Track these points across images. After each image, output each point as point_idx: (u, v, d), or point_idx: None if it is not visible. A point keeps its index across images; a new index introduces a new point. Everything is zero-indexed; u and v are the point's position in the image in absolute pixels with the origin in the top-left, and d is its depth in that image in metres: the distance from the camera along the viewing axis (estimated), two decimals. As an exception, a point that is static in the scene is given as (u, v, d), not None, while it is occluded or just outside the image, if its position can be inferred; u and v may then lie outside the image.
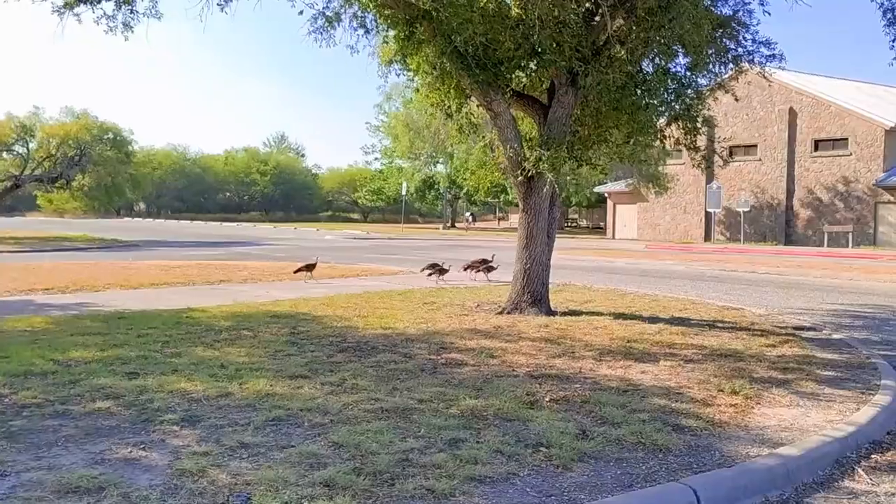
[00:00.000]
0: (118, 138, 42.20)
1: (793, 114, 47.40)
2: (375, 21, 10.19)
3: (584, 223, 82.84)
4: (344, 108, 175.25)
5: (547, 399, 6.28)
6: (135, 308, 11.43)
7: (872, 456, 5.44)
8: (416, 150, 63.72)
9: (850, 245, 41.24)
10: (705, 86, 11.77)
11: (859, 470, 5.13)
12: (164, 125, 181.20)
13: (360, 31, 10.56)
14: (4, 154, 40.64)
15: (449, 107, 11.22)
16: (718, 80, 11.72)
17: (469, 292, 13.95)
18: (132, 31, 10.74)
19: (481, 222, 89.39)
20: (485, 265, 16.47)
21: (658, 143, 11.08)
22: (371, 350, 8.22)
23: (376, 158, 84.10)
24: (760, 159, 49.07)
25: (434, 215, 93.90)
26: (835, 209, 45.49)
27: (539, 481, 4.50)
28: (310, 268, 16.47)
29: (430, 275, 16.21)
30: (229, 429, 5.27)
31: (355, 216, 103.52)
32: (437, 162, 66.61)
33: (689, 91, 10.70)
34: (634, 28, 10.33)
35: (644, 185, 51.81)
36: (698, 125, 10.84)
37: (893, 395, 6.76)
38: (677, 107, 10.35)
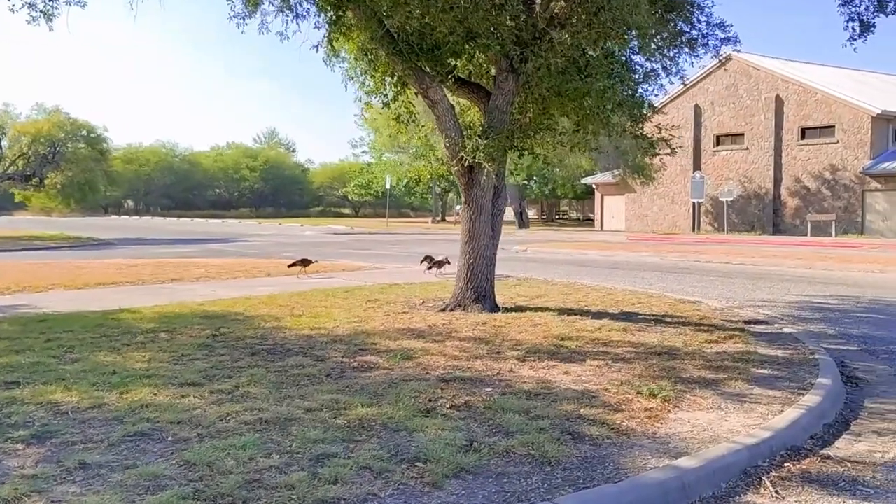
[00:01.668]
0: (92, 135, 41.61)
1: (779, 102, 46.94)
2: (298, 3, 9.66)
3: (574, 215, 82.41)
4: (338, 101, 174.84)
5: (447, 406, 5.83)
6: (66, 310, 10.96)
7: (786, 465, 5.00)
8: (398, 144, 63.10)
9: (834, 234, 40.83)
10: (654, 70, 11.29)
11: (766, 481, 4.69)
12: (154, 123, 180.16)
13: (290, 16, 10.05)
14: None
15: (385, 95, 10.73)
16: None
17: (422, 288, 13.49)
18: (51, 21, 10.22)
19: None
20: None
21: (604, 130, 10.56)
22: (285, 353, 7.76)
23: (364, 152, 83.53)
24: (748, 148, 48.63)
25: (426, 209, 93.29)
26: (822, 197, 45.08)
27: (400, 503, 4.05)
28: (304, 263, 16.35)
29: (429, 268, 15.95)
30: (80, 446, 4.82)
31: (346, 211, 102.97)
32: (422, 155, 66.20)
33: (635, 76, 10.19)
34: (577, 10, 9.87)
35: (630, 176, 51.29)
36: (644, 111, 10.35)
37: (824, 395, 6.33)
38: (621, 92, 9.85)
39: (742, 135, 49.06)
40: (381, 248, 30.32)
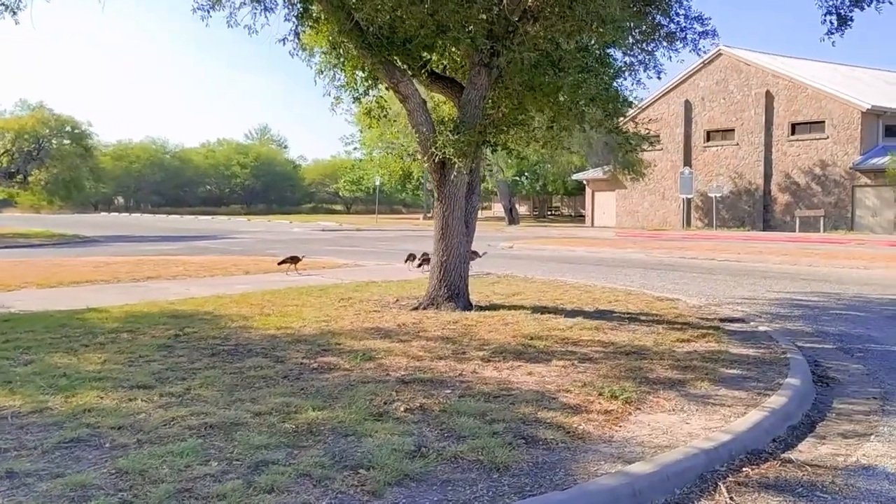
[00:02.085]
0: (76, 131, 41.25)
1: (770, 97, 46.83)
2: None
3: (566, 211, 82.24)
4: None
5: (402, 409, 5.66)
6: (34, 309, 10.77)
7: (744, 469, 4.85)
8: (386, 140, 62.74)
9: (823, 230, 40.76)
10: (630, 64, 11.13)
11: (722, 487, 4.53)
12: (145, 120, 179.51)
13: (258, 9, 9.86)
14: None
15: (356, 89, 10.54)
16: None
17: (398, 286, 13.32)
18: (15, 14, 10.01)
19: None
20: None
21: (579, 126, 10.39)
22: (245, 354, 7.58)
23: (355, 149, 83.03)
24: (738, 144, 48.51)
25: (418, 206, 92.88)
26: (812, 193, 45.01)
27: (335, 513, 3.89)
28: (294, 260, 16.20)
29: (419, 265, 15.55)
30: (12, 453, 4.64)
31: (338, 207, 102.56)
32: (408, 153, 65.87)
33: (610, 70, 10.02)
34: (550, 3, 9.70)
35: (620, 172, 51.13)
36: (619, 106, 10.17)
37: (791, 396, 6.18)
38: (595, 86, 9.66)
39: (732, 130, 48.94)
40: (368, 245, 30.13)
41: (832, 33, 10.81)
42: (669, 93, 52.68)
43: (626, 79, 10.53)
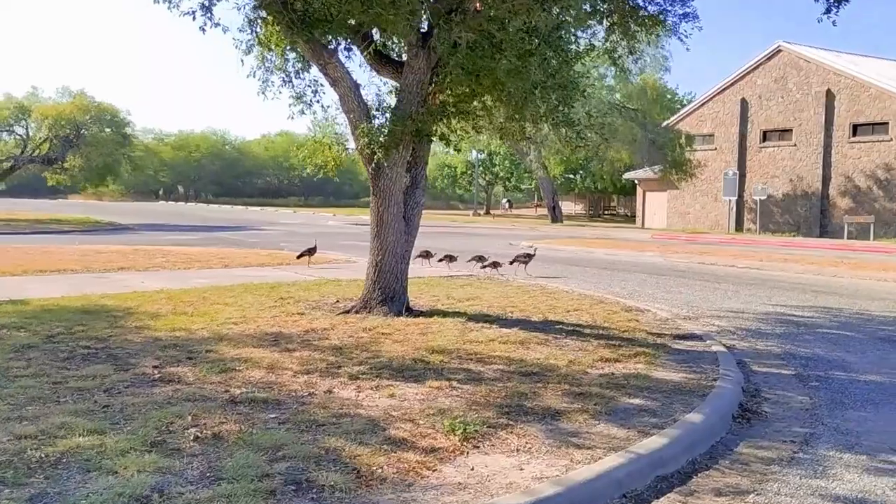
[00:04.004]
0: (115, 119, 41.49)
1: (830, 96, 44.53)
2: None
3: (622, 211, 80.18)
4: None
5: (192, 437, 4.81)
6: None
7: (552, 538, 3.84)
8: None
9: (872, 237, 38.53)
10: (591, 49, 10.09)
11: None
12: (207, 112, 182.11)
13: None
14: (5, 135, 40.26)
15: (286, 71, 9.71)
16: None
17: (357, 286, 12.42)
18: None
19: (522, 209, 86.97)
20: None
21: (530, 117, 9.37)
22: (101, 359, 6.85)
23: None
24: (795, 144, 46.31)
25: (478, 202, 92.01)
26: (874, 198, 42.67)
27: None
28: (311, 252, 16.17)
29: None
30: None
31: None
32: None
33: (561, 55, 8.97)
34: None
35: (669, 172, 49.33)
36: (569, 95, 9.10)
37: (677, 437, 5.15)
38: (539, 73, 8.65)
39: (790, 131, 46.73)
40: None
41: (829, 11, 9.64)
42: (725, 90, 50.68)
43: (588, 65, 9.41)
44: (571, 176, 75.13)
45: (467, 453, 4.75)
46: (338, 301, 10.59)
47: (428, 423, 5.22)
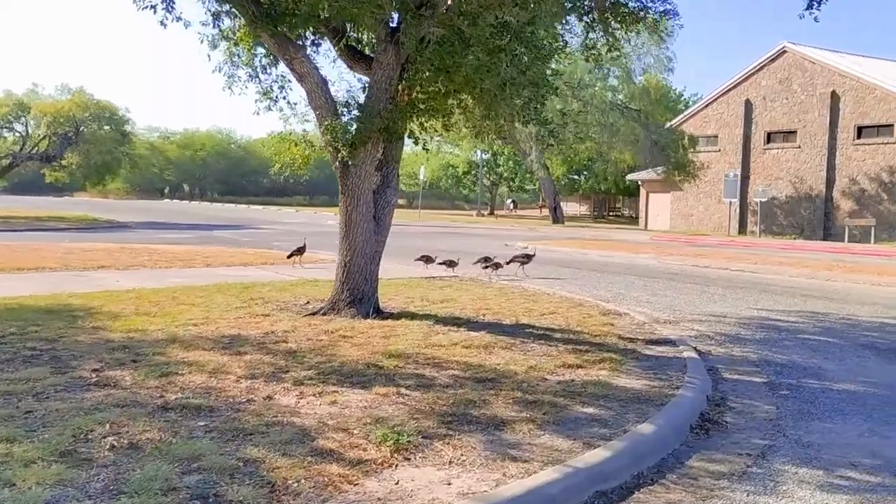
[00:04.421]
0: (114, 117, 41.33)
1: (835, 98, 44.19)
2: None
3: (627, 212, 79.78)
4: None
5: (108, 446, 4.58)
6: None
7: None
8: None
9: (873, 240, 38.14)
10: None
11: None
12: (213, 111, 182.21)
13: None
14: (4, 132, 40.19)
15: (255, 66, 9.48)
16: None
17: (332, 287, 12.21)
18: None
19: (527, 210, 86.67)
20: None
21: (502, 117, 9.13)
22: (47, 360, 6.64)
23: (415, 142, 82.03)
24: (800, 146, 45.97)
25: (483, 202, 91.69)
26: (878, 201, 42.30)
27: None
28: (300, 251, 15.91)
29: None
30: None
31: (400, 201, 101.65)
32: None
33: (533, 51, 8.72)
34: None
35: (671, 173, 48.94)
36: (541, 93, 8.85)
37: (622, 450, 4.91)
38: (509, 70, 8.39)
39: (794, 132, 46.37)
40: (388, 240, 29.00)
41: (811, 7, 9.40)
42: (729, 91, 50.36)
43: (562, 63, 9.16)
44: (575, 177, 74.84)
45: (396, 466, 4.51)
46: (308, 302, 10.35)
47: (362, 433, 4.98)
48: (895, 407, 6.64)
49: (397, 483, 4.26)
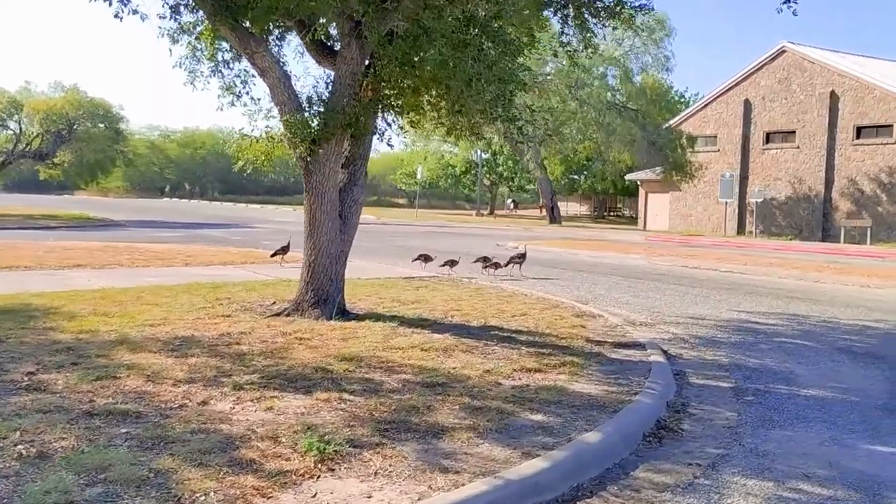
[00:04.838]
0: (108, 115, 41.09)
1: (834, 98, 43.90)
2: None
3: (627, 213, 79.48)
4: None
5: (16, 454, 4.36)
6: None
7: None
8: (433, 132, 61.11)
9: (869, 241, 37.84)
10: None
11: None
12: (213, 108, 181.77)
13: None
14: None
15: (217, 61, 9.25)
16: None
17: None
18: None
19: (528, 209, 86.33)
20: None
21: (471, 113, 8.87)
22: (-22, 363, 6.39)
23: (415, 142, 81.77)
24: (799, 147, 45.68)
25: (483, 202, 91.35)
26: (877, 201, 42.00)
27: None
28: (284, 250, 15.77)
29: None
30: None
31: (400, 201, 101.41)
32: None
33: (501, 47, 8.48)
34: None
35: (669, 173, 48.63)
36: (508, 90, 8.60)
37: (561, 460, 4.67)
38: (475, 66, 8.15)
39: (793, 132, 46.09)
40: (381, 240, 28.68)
41: (788, 0, 9.19)
42: (728, 91, 50.09)
43: (531, 58, 8.92)
44: (575, 177, 74.55)
45: (318, 477, 4.28)
46: (274, 302, 10.13)
47: (290, 442, 4.75)
48: (862, 414, 6.40)
49: (314, 496, 4.03)
